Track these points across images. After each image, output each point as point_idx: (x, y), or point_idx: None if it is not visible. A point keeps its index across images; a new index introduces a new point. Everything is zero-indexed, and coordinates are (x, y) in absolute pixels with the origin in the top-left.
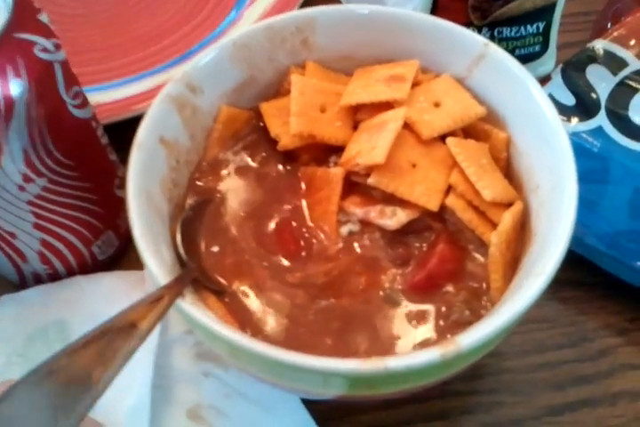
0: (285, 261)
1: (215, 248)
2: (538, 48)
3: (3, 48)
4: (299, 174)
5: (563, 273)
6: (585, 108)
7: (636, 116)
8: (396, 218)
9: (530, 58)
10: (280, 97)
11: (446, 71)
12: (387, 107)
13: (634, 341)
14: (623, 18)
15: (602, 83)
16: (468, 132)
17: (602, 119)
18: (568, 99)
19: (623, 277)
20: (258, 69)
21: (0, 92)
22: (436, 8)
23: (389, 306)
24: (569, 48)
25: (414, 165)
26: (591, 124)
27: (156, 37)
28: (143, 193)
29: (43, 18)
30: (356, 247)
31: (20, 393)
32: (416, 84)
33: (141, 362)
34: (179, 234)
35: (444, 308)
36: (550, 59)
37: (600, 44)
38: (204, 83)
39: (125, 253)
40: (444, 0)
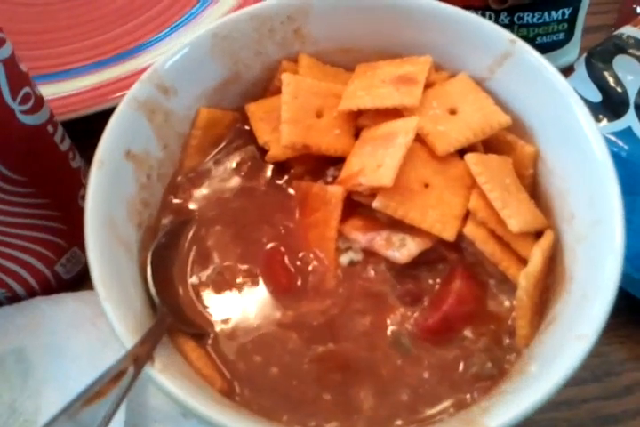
0: (276, 298)
1: (194, 280)
2: (562, 36)
3: None
4: (289, 190)
5: None
6: (612, 105)
7: None
8: (405, 249)
9: (552, 47)
10: (269, 96)
11: (463, 70)
12: (393, 112)
13: None
14: None
15: (630, 76)
16: (488, 142)
17: (631, 119)
18: (593, 94)
19: None
20: (243, 65)
21: None
22: None
23: (398, 354)
24: (591, 33)
25: (427, 185)
26: (619, 125)
27: (130, 14)
28: (106, 225)
29: None
30: (359, 280)
31: None
32: (428, 86)
33: None
34: (149, 269)
35: (461, 358)
36: (574, 48)
37: (628, 31)
38: (177, 82)
39: None
40: None
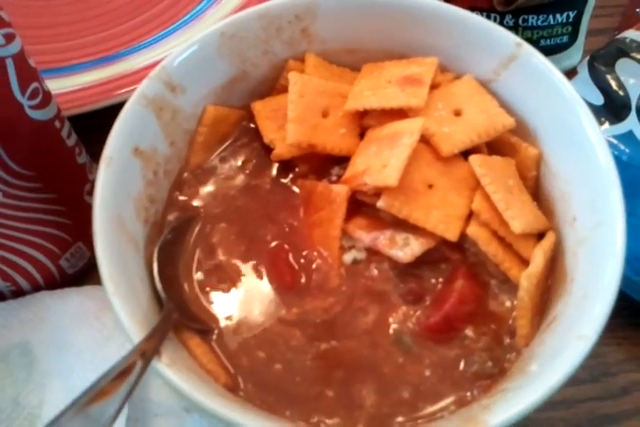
0: (280, 295)
1: (199, 276)
2: (565, 39)
3: None
4: (294, 188)
5: None
6: (614, 108)
7: None
8: (409, 249)
9: (555, 50)
10: (275, 94)
11: (469, 72)
12: (399, 113)
13: None
14: None
15: (632, 79)
16: (492, 144)
17: (633, 122)
18: (596, 97)
19: None
20: (250, 63)
21: None
22: None
23: (399, 351)
24: (595, 36)
25: (431, 186)
26: (621, 128)
27: (135, 10)
28: (114, 221)
29: None
30: (362, 279)
31: None
32: (433, 87)
33: None
34: (156, 265)
35: (462, 356)
36: (577, 51)
37: (631, 35)
38: (185, 80)
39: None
40: None
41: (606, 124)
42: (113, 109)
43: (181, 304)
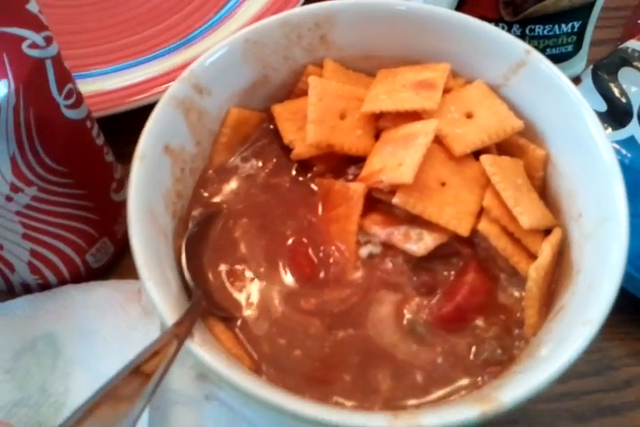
0: (300, 286)
1: (223, 267)
2: (570, 48)
3: None
4: (312, 186)
5: None
6: (617, 115)
7: None
8: (422, 243)
9: (560, 58)
10: (294, 98)
11: (479, 77)
12: (413, 115)
13: None
14: None
15: (634, 87)
16: (501, 145)
17: (634, 128)
18: (599, 104)
19: None
20: (272, 68)
21: None
22: (463, 2)
23: (413, 340)
24: (598, 46)
25: (444, 184)
26: (623, 134)
27: (158, 17)
28: (147, 213)
29: (32, 7)
30: (377, 272)
31: None
32: (446, 91)
33: None
34: (184, 256)
35: (473, 344)
36: (581, 60)
37: (633, 45)
38: (211, 83)
39: (121, 261)
40: None
41: (609, 130)
42: (131, 113)
43: (207, 293)
